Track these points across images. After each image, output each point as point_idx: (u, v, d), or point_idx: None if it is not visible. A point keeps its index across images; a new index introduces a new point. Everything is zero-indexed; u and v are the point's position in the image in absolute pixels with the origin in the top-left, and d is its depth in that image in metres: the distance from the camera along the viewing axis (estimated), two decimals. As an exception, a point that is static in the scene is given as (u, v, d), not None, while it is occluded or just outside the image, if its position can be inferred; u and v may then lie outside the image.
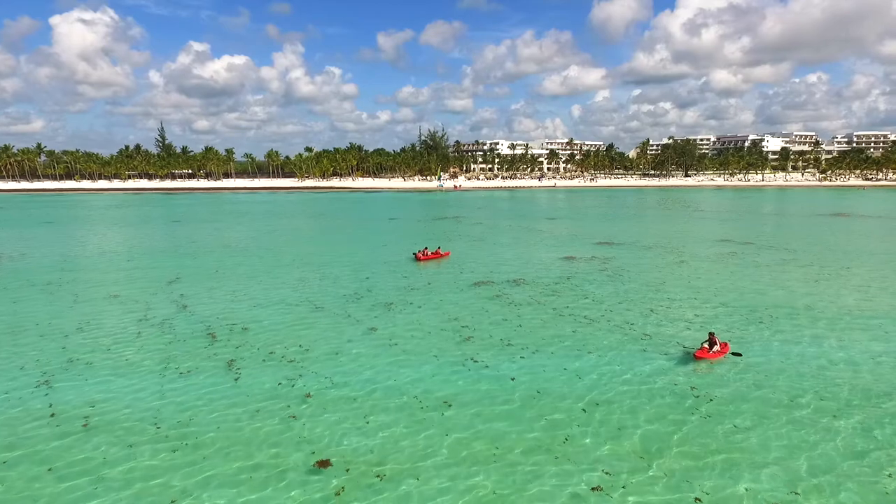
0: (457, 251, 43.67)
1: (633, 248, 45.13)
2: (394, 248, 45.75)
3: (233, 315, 25.59)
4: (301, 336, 22.49)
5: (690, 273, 34.45)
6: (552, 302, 27.58)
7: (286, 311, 26.18)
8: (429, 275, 34.61)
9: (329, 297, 28.86)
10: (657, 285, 31.13)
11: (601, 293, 29.32)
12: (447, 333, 22.76)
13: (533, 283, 31.63)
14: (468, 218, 74.11)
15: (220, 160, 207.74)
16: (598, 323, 24.09)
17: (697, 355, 19.77)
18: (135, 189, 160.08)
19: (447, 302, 27.84)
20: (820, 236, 52.87)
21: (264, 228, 62.70)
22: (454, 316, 25.31)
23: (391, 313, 25.76)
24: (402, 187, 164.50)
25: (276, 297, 29.08)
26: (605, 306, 26.75)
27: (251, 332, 22.90)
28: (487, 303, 27.53)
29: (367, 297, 28.88)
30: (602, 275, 34.02)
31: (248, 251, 44.97)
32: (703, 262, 38.40)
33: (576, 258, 39.86)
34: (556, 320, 24.50)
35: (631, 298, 28.21)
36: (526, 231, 58.26)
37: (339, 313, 25.80)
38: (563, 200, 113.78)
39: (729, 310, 26.05)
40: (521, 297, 28.48)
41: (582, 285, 31.18)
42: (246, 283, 32.35)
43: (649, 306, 26.70)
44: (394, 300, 28.16)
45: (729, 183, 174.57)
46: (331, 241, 51.43)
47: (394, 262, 39.01)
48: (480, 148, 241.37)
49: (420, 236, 54.78)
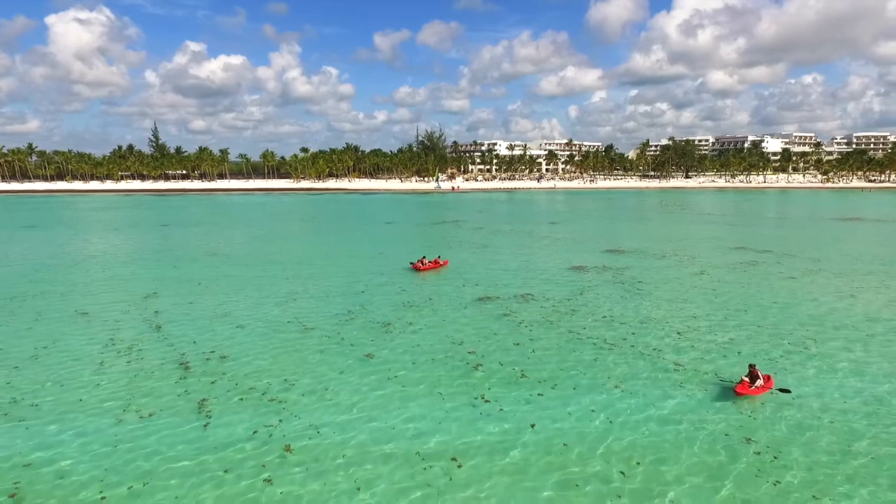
0: (458, 260, 40.99)
1: (645, 256, 42.52)
2: (390, 257, 43.04)
3: (211, 338, 22.84)
4: (286, 366, 19.76)
5: (712, 286, 31.84)
6: (566, 321, 24.92)
7: (272, 334, 23.44)
8: (429, 288, 31.93)
9: (320, 316, 26.13)
10: (680, 301, 28.50)
11: (619, 311, 26.67)
12: (452, 362, 20.08)
13: (543, 299, 28.97)
14: (468, 222, 71.45)
15: (215, 160, 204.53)
16: (621, 348, 21.44)
17: (738, 391, 17.18)
18: (126, 190, 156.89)
19: (450, 321, 25.15)
20: (840, 243, 50.38)
21: (255, 234, 59.89)
22: (459, 339, 22.63)
23: (389, 336, 23.05)
24: (399, 189, 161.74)
25: (262, 315, 26.34)
26: (626, 327, 24.10)
27: (230, 361, 20.16)
28: (495, 322, 24.85)
29: (362, 315, 26.16)
30: (617, 288, 31.38)
31: (236, 260, 42.19)
32: (723, 272, 35.80)
33: (586, 268, 37.21)
34: (573, 345, 21.84)
35: (653, 317, 25.57)
36: (529, 237, 55.61)
37: (330, 336, 23.07)
38: (564, 203, 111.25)
39: (761, 331, 23.43)
40: (531, 316, 25.81)
41: (597, 301, 28.53)
42: (230, 298, 29.59)
43: (674, 327, 24.07)
44: (391, 319, 25.45)
45: (730, 184, 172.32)
46: (324, 249, 48.67)
47: (390, 273, 36.29)
48: (478, 148, 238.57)
49: (418, 242, 52.09)
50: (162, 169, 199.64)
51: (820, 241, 51.91)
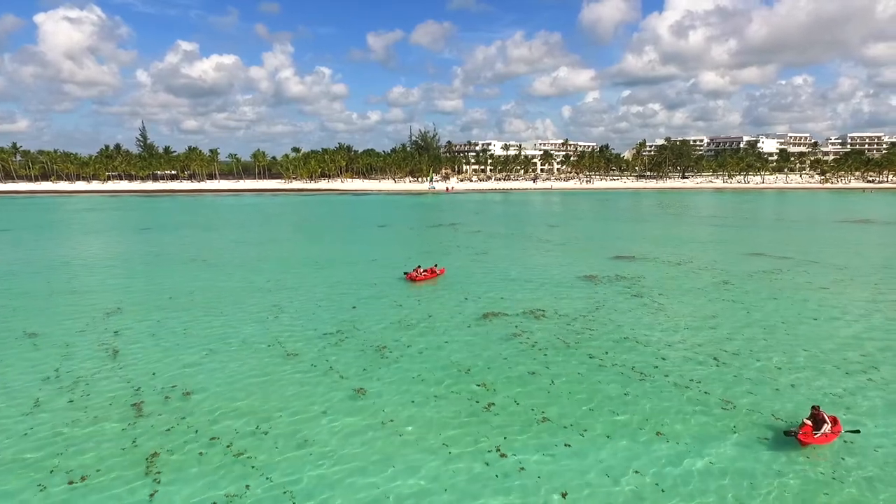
0: (456, 268, 37.88)
1: (657, 263, 39.57)
2: (383, 264, 39.85)
3: (175, 367, 19.59)
4: (261, 404, 16.57)
5: (740, 298, 28.90)
6: (585, 343, 21.85)
7: (247, 361, 20.22)
8: (427, 302, 28.79)
9: (305, 337, 22.93)
10: (707, 317, 25.51)
11: (643, 330, 23.64)
12: (458, 398, 16.96)
13: (555, 315, 25.90)
14: (464, 225, 68.36)
15: (204, 160, 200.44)
16: (653, 378, 18.39)
17: (802, 440, 14.18)
18: (112, 191, 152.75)
19: (453, 343, 22.03)
20: (858, 247, 47.70)
21: (240, 237, 56.48)
22: (464, 366, 19.52)
23: (383, 363, 19.89)
24: (393, 189, 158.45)
25: (239, 336, 23.09)
26: (652, 351, 21.07)
27: (193, 400, 16.92)
28: (504, 346, 21.75)
29: (353, 336, 22.98)
30: (636, 302, 28.37)
31: (216, 267, 38.86)
32: (747, 281, 32.88)
33: (596, 277, 34.20)
34: (597, 374, 18.78)
35: (682, 339, 22.56)
36: (530, 241, 52.58)
37: (315, 364, 19.89)
38: (562, 204, 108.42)
39: (810, 355, 20.46)
40: (544, 337, 22.73)
41: (616, 318, 25.49)
42: (203, 315, 26.33)
43: (709, 351, 21.06)
44: (386, 341, 22.29)
45: (728, 185, 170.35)
46: (312, 255, 45.39)
47: (384, 284, 33.12)
48: (473, 148, 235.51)
49: (413, 248, 48.93)
50: (150, 169, 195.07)
51: (836, 245, 49.18)
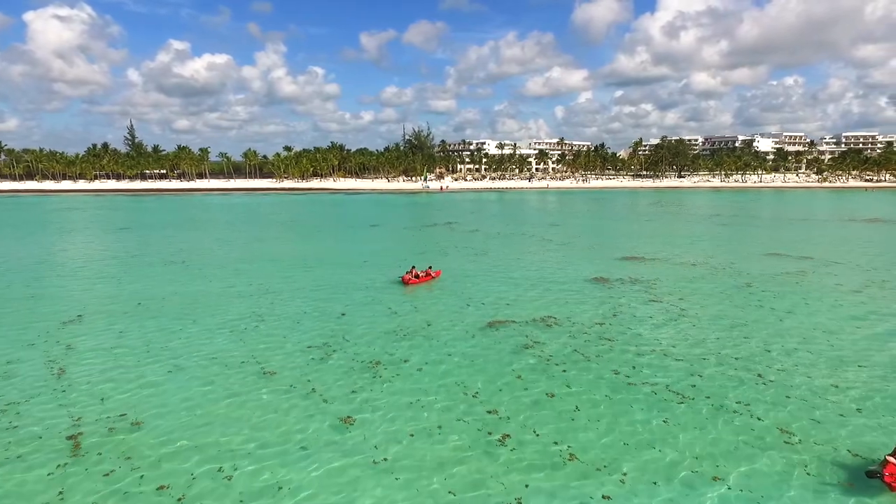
0: (455, 270, 35.05)
1: (670, 264, 36.89)
2: (376, 266, 36.95)
3: (129, 391, 16.65)
4: (226, 439, 13.69)
5: (769, 303, 26.24)
6: (607, 357, 19.09)
7: (216, 381, 17.31)
8: (424, 308, 25.95)
9: (286, 351, 20.03)
10: (739, 326, 22.81)
11: (669, 340, 20.91)
12: (467, 430, 14.13)
13: (568, 323, 23.12)
14: (461, 224, 65.52)
15: (194, 160, 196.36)
16: (693, 401, 15.64)
17: (890, 483, 11.60)
18: (97, 190, 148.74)
19: (457, 358, 19.20)
20: (876, 247, 45.31)
21: (224, 237, 53.36)
22: (471, 387, 16.70)
23: (375, 383, 17.03)
24: (386, 188, 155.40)
25: (209, 350, 20.16)
26: (685, 366, 18.33)
27: (144, 432, 14.01)
28: (515, 360, 18.94)
29: (341, 350, 20.10)
30: (655, 308, 25.63)
31: (194, 270, 35.81)
32: (771, 284, 30.25)
33: (608, 280, 31.46)
34: (626, 395, 16.01)
35: (714, 351, 19.83)
36: (532, 241, 49.81)
37: (295, 385, 17.00)
38: (559, 203, 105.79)
39: (864, 370, 17.80)
40: (559, 349, 19.94)
41: (636, 327, 22.74)
42: (173, 325, 23.36)
43: (748, 365, 18.36)
44: (379, 356, 19.43)
45: (726, 184, 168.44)
46: (300, 256, 42.40)
47: (377, 288, 30.25)
48: (467, 148, 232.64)
49: (408, 249, 46.06)
50: (139, 168, 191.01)
51: (854, 244, 46.74)
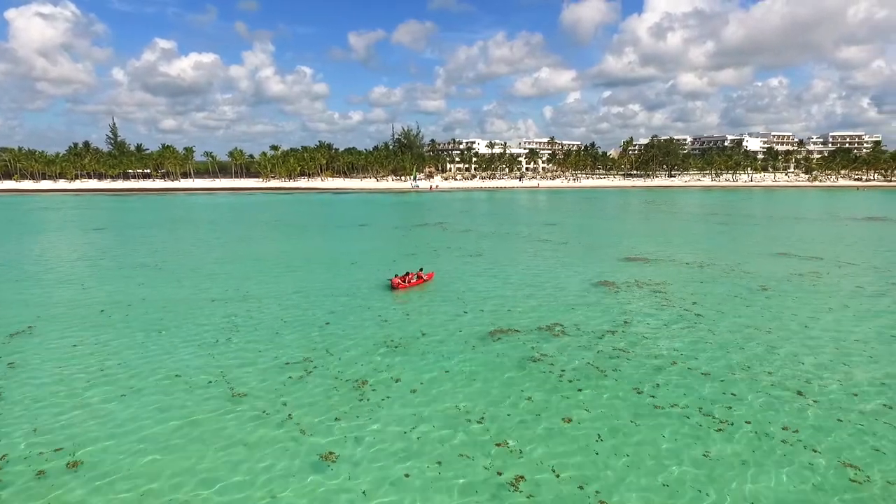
0: (448, 272, 32.77)
1: (676, 265, 34.87)
2: (365, 268, 34.55)
3: (72, 419, 14.17)
4: (180, 483, 11.28)
5: (787, 307, 24.22)
6: (625, 373, 16.88)
7: (174, 408, 14.86)
8: (417, 315, 23.61)
9: (261, 368, 17.60)
10: (760, 333, 20.72)
11: (690, 352, 18.76)
12: (472, 468, 11.83)
13: (577, 332, 20.92)
14: (453, 224, 63.21)
15: (178, 159, 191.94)
16: (735, 428, 13.47)
17: None
18: (77, 190, 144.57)
19: (456, 375, 16.90)
20: (884, 245, 43.64)
21: (204, 238, 50.62)
22: (474, 411, 14.42)
23: (362, 410, 14.67)
24: (375, 188, 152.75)
25: (173, 367, 17.69)
26: (713, 382, 16.17)
27: (80, 475, 11.55)
28: (522, 377, 16.67)
29: (324, 366, 17.71)
30: (669, 314, 23.50)
31: (168, 274, 33.17)
32: (786, 287, 28.29)
33: (614, 284, 29.32)
34: (655, 421, 13.80)
35: (743, 364, 17.71)
36: (528, 241, 47.65)
37: (269, 411, 14.60)
38: (551, 202, 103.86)
39: (922, 389, 15.77)
40: (570, 364, 17.71)
41: (652, 335, 20.58)
42: (136, 336, 20.83)
43: (785, 381, 16.24)
44: (367, 373, 17.08)
45: (717, 183, 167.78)
46: (283, 258, 39.87)
47: (365, 293, 27.86)
48: (457, 147, 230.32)
49: (398, 250, 43.68)
50: (121, 168, 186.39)
51: (860, 244, 45.12)
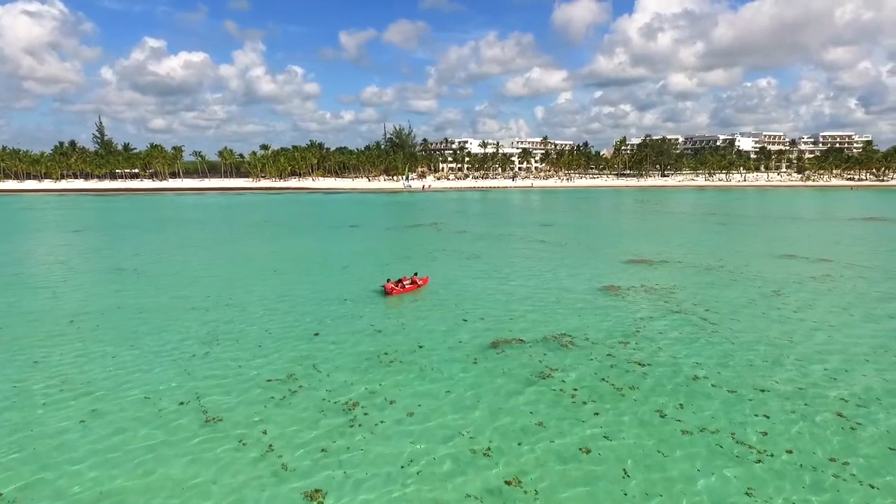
0: (445, 276, 31.11)
1: (682, 268, 33.41)
2: (356, 272, 32.81)
3: (23, 450, 12.36)
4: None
5: (806, 315, 22.77)
6: (645, 391, 15.29)
7: (139, 435, 13.08)
8: (413, 324, 21.91)
9: (239, 388, 15.84)
10: (783, 344, 19.20)
11: (712, 366, 17.19)
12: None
13: (587, 343, 19.32)
14: (447, 225, 61.55)
15: (167, 158, 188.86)
16: (775, 460, 11.90)
17: None
18: (61, 190, 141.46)
19: (458, 395, 15.22)
20: (892, 245, 42.50)
21: (189, 240, 48.62)
22: (480, 440, 12.77)
23: (354, 437, 12.96)
24: (367, 188, 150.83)
25: (142, 386, 15.89)
26: (745, 405, 14.59)
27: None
28: (531, 397, 15.02)
29: (310, 384, 15.98)
30: (681, 322, 21.95)
31: (146, 278, 31.26)
32: (800, 292, 26.87)
33: (619, 288, 27.78)
34: (684, 451, 12.20)
35: (770, 379, 16.16)
36: (525, 242, 46.08)
37: (246, 440, 12.86)
38: (545, 202, 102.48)
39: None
40: (583, 380, 16.09)
41: (667, 347, 19.00)
42: (105, 350, 18.98)
43: (821, 402, 14.71)
44: (358, 394, 15.36)
45: (710, 183, 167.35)
46: (270, 261, 38.03)
47: (356, 299, 26.13)
48: (449, 146, 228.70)
49: (391, 252, 41.97)
50: (108, 167, 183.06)
51: (866, 245, 43.95)
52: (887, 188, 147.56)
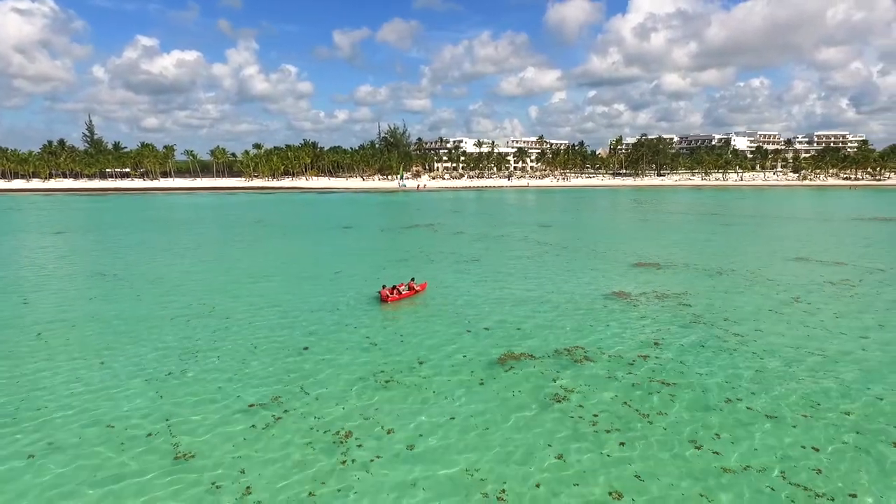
0: (444, 281, 29.38)
1: (691, 272, 31.80)
2: (350, 279, 31.01)
3: (-47, 499, 10.55)
4: None
5: (836, 328, 21.17)
6: (675, 419, 13.60)
7: (96, 476, 11.27)
8: (411, 337, 20.14)
9: (217, 415, 14.04)
10: (819, 360, 17.57)
11: (745, 388, 15.52)
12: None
13: (603, 359, 17.62)
14: (444, 226, 59.77)
15: (158, 157, 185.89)
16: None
17: None
18: (48, 189, 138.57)
19: (464, 423, 13.48)
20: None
21: (176, 242, 46.60)
22: (493, 481, 11.06)
23: (346, 478, 11.18)
24: (361, 187, 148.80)
25: (108, 410, 14.06)
26: (787, 432, 12.95)
27: None
28: (547, 426, 13.29)
29: (297, 410, 14.19)
30: (702, 334, 20.29)
31: (127, 284, 29.33)
32: (821, 298, 25.30)
33: (629, 295, 26.13)
34: (732, 496, 10.50)
35: (813, 405, 14.52)
36: (525, 244, 44.39)
37: (222, 480, 11.07)
38: (542, 202, 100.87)
39: None
40: (604, 404, 14.38)
41: (692, 362, 17.33)
42: (75, 364, 17.14)
43: (875, 428, 13.08)
44: (352, 421, 13.60)
45: (707, 182, 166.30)
46: (258, 266, 36.15)
47: (350, 308, 24.34)
48: (444, 146, 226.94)
49: (386, 256, 40.17)
50: (98, 167, 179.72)
51: (879, 247, 42.50)
52: (885, 188, 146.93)
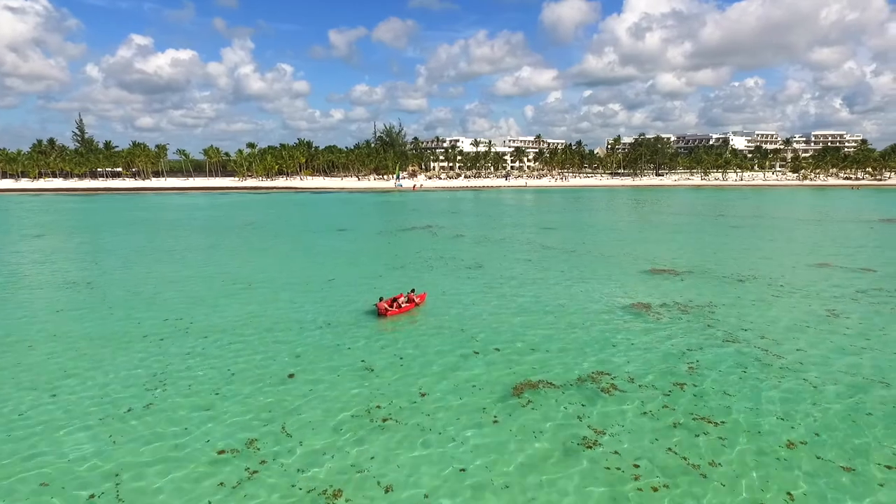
0: (446, 290, 27.04)
1: (711, 280, 29.56)
2: (344, 288, 28.61)
3: None
4: None
5: (877, 341, 18.95)
6: (730, 468, 11.32)
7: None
8: (412, 361, 17.77)
9: (181, 469, 11.65)
10: (880, 388, 15.32)
11: (803, 427, 13.26)
12: None
13: (633, 388, 15.32)
14: (442, 228, 57.38)
15: (150, 157, 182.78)
16: None
17: None
18: (36, 189, 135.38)
19: (477, 475, 11.15)
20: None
21: (158, 245, 44.02)
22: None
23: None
24: (356, 187, 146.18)
25: (49, 459, 11.67)
26: (861, 484, 10.67)
27: None
28: (579, 483, 10.97)
29: (278, 458, 11.82)
30: (739, 356, 18.01)
31: (100, 295, 26.86)
32: (857, 310, 23.11)
33: (650, 307, 23.84)
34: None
35: (889, 448, 12.26)
36: (529, 248, 42.07)
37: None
38: (542, 203, 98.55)
39: None
40: (640, 448, 12.08)
41: (735, 394, 15.04)
42: (22, 396, 14.72)
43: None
44: (343, 475, 11.23)
45: (706, 182, 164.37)
46: (245, 273, 33.69)
47: (344, 324, 21.96)
48: (440, 145, 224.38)
49: (383, 261, 37.75)
50: (89, 166, 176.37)
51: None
52: (887, 187, 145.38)
